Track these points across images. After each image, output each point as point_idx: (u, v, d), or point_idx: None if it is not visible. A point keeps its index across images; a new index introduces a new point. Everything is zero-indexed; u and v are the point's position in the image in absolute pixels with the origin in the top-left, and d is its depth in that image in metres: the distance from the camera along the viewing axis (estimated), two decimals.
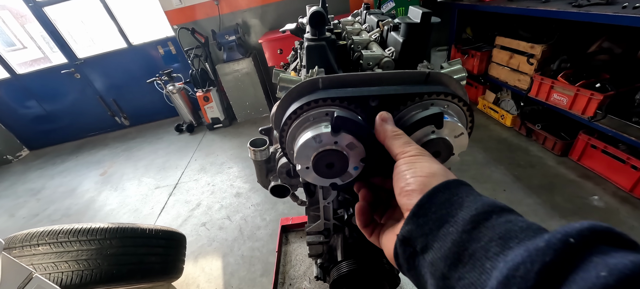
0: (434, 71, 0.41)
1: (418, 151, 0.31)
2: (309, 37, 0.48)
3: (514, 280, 0.17)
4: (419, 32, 0.45)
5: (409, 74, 0.41)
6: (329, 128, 0.36)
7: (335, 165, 0.38)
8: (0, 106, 4.32)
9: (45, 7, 3.73)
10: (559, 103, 2.12)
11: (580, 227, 0.18)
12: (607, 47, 2.00)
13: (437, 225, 0.24)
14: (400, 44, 0.46)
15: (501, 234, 0.21)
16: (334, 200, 0.66)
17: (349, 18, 0.83)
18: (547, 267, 0.17)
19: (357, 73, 0.40)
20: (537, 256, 0.17)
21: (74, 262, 1.19)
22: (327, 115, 0.38)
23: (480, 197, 0.25)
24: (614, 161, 1.89)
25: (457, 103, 0.39)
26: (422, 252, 0.25)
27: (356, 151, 0.38)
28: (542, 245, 0.18)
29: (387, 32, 0.55)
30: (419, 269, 0.25)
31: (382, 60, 0.47)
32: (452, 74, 0.43)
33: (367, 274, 0.64)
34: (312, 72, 0.42)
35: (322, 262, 0.75)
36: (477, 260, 0.20)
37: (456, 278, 0.21)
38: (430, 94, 0.38)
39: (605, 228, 0.18)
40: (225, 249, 1.99)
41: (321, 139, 0.36)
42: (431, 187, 0.26)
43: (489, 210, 0.23)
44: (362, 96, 0.38)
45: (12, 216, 2.98)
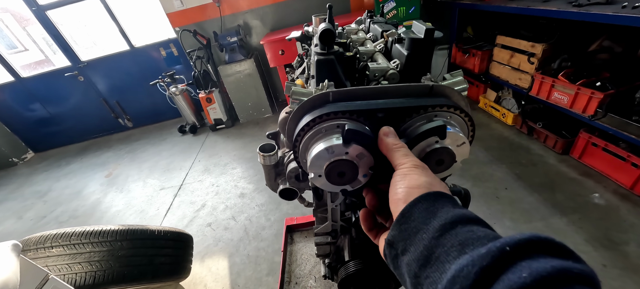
0: (437, 84, 0.43)
1: (413, 164, 0.34)
2: (318, 52, 0.50)
3: (458, 279, 0.21)
4: (423, 47, 0.47)
5: (413, 87, 0.43)
6: (340, 140, 0.39)
7: (346, 173, 0.41)
8: (5, 109, 4.37)
9: (49, 10, 3.77)
10: (559, 102, 2.14)
11: (520, 237, 0.21)
12: (607, 45, 2.01)
13: (414, 231, 0.28)
14: (404, 56, 0.49)
15: (461, 241, 0.24)
16: (341, 203, 0.69)
17: (353, 25, 0.85)
18: (483, 269, 0.20)
19: (365, 87, 0.43)
20: (478, 260, 0.21)
21: (87, 263, 1.22)
22: (338, 127, 0.40)
23: (452, 209, 0.28)
24: (614, 159, 1.91)
25: (459, 114, 0.42)
26: (402, 254, 0.29)
27: (365, 161, 0.40)
28: (483, 252, 0.21)
29: (391, 44, 0.57)
30: (400, 269, 0.29)
31: (388, 72, 0.49)
32: (454, 86, 0.45)
33: (374, 273, 0.67)
34: (322, 86, 0.45)
35: (329, 262, 0.78)
36: (440, 262, 0.24)
37: (424, 277, 0.25)
38: (433, 107, 0.41)
39: (544, 238, 0.21)
40: (231, 249, 2.02)
41: (333, 150, 0.39)
42: (413, 198, 0.30)
43: (456, 220, 0.26)
44: (369, 109, 0.41)
45: (20, 219, 3.03)
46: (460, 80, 0.46)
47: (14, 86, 4.22)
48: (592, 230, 1.68)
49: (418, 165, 0.34)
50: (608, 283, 1.43)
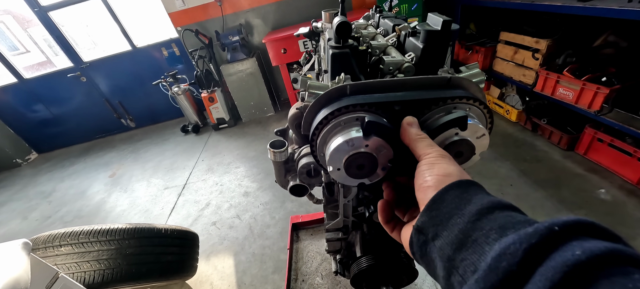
0: (455, 76, 0.43)
1: (439, 153, 0.34)
2: (333, 45, 0.50)
3: (505, 256, 0.21)
4: (439, 39, 0.47)
5: (431, 79, 0.43)
6: (360, 133, 0.38)
7: (365, 166, 0.40)
8: (9, 110, 4.39)
9: (51, 11, 3.78)
10: (564, 97, 2.13)
11: (567, 219, 0.21)
12: (612, 40, 2.00)
13: (447, 217, 0.28)
14: (420, 49, 0.49)
15: (501, 224, 0.24)
16: (353, 198, 0.69)
17: (361, 21, 0.85)
18: (532, 247, 0.20)
19: (383, 79, 0.43)
20: (526, 239, 0.21)
21: (96, 262, 1.23)
22: (357, 119, 0.40)
23: (487, 196, 0.28)
24: (620, 155, 1.90)
25: (478, 106, 0.42)
26: (432, 239, 0.28)
27: (384, 153, 0.40)
28: (531, 231, 0.21)
29: (404, 37, 0.57)
30: (430, 255, 0.29)
31: (403, 65, 0.49)
32: (471, 78, 0.45)
33: (386, 268, 0.67)
34: (338, 79, 0.45)
35: (340, 258, 0.78)
36: (478, 245, 0.24)
37: (460, 260, 0.25)
38: (452, 98, 0.41)
39: (590, 222, 0.21)
40: (236, 247, 2.03)
41: (353, 143, 0.39)
42: (445, 185, 0.30)
43: (493, 206, 0.26)
44: (388, 102, 0.41)
45: (26, 219, 3.05)
46: (478, 72, 0.46)
47: (17, 87, 4.23)
48: None
49: (444, 155, 0.34)
50: None
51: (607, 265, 0.18)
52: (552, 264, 0.19)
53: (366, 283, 0.69)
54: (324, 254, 1.63)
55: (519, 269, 0.20)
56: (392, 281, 0.68)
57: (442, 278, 0.27)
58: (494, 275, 0.21)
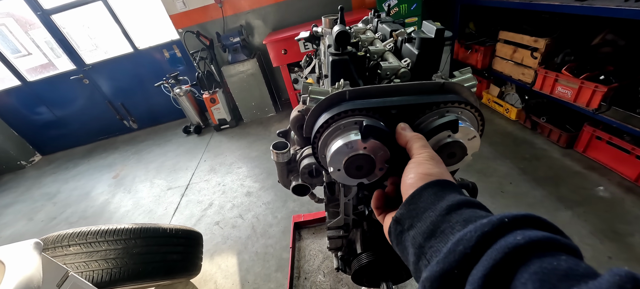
0: (448, 81, 0.46)
1: (429, 155, 0.37)
2: (333, 52, 0.53)
3: (462, 241, 0.25)
4: (433, 46, 0.50)
5: (425, 85, 0.46)
6: (359, 136, 0.41)
7: (364, 167, 0.43)
8: (12, 112, 4.44)
9: (53, 14, 3.81)
10: (563, 96, 2.15)
11: (517, 213, 0.25)
12: (610, 39, 2.02)
13: (422, 210, 0.32)
14: (415, 55, 0.51)
15: (465, 218, 0.28)
16: (354, 197, 0.71)
17: (360, 25, 0.88)
18: (484, 234, 0.24)
19: (380, 85, 0.45)
20: (480, 228, 0.25)
21: (103, 261, 1.26)
22: (355, 123, 0.43)
23: (459, 195, 0.32)
24: (619, 152, 1.92)
25: (469, 109, 0.44)
26: (408, 230, 0.32)
27: (381, 155, 0.43)
28: (485, 222, 0.25)
29: (401, 43, 0.60)
30: (404, 243, 0.33)
31: (400, 71, 0.52)
32: (463, 83, 0.47)
33: (385, 264, 0.70)
34: (338, 85, 0.48)
35: (342, 255, 0.81)
36: (444, 235, 0.28)
37: (428, 247, 0.29)
38: (445, 103, 0.43)
39: (537, 217, 0.25)
40: (239, 246, 2.06)
41: (352, 145, 0.41)
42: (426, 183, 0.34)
43: (462, 203, 0.30)
44: (384, 106, 0.44)
45: (31, 220, 3.09)
46: (470, 77, 0.48)
47: (20, 90, 4.28)
48: (597, 223, 1.69)
49: (433, 157, 0.37)
50: None
51: (541, 249, 0.22)
52: (497, 247, 0.23)
53: (367, 279, 0.72)
54: (326, 253, 1.66)
55: (472, 251, 0.24)
56: (392, 277, 0.71)
57: (412, 264, 0.31)
58: (452, 256, 0.25)
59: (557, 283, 0.19)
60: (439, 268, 0.25)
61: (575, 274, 0.20)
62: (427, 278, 0.26)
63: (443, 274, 0.25)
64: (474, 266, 0.23)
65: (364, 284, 0.73)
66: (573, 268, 0.20)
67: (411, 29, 0.61)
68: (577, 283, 0.19)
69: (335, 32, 0.49)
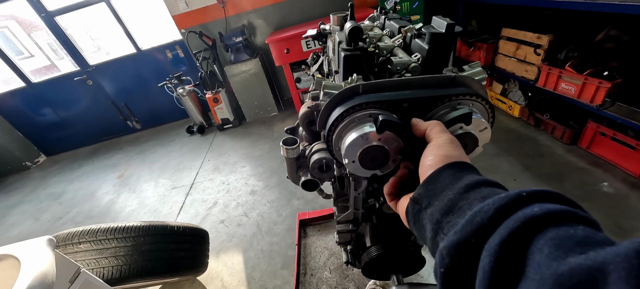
0: (459, 75, 0.47)
1: (448, 138, 0.38)
2: (345, 48, 0.54)
3: (479, 213, 0.25)
4: (444, 41, 0.51)
5: (436, 78, 0.47)
6: (373, 128, 0.42)
7: (378, 158, 0.44)
8: (17, 114, 4.47)
9: (57, 16, 3.84)
10: (567, 92, 2.15)
11: (535, 188, 0.25)
12: (614, 34, 2.02)
13: (440, 190, 0.32)
14: (425, 50, 0.53)
15: (483, 195, 0.28)
16: (363, 191, 0.73)
17: (366, 22, 0.89)
18: (502, 207, 0.24)
19: (392, 79, 0.47)
20: (498, 200, 0.25)
21: (113, 258, 1.28)
22: (369, 116, 0.44)
23: (478, 175, 0.32)
24: (623, 148, 1.92)
25: (480, 102, 0.46)
26: (425, 208, 0.33)
27: (395, 146, 0.44)
28: (503, 196, 0.25)
29: (410, 39, 0.61)
30: (421, 221, 0.33)
31: (410, 65, 0.53)
32: (474, 76, 0.49)
33: (395, 256, 0.71)
34: (351, 79, 0.49)
35: (351, 248, 0.82)
36: (462, 211, 0.28)
37: (446, 222, 0.29)
38: (456, 95, 0.44)
39: (556, 192, 0.25)
40: (245, 244, 2.08)
41: (367, 137, 0.43)
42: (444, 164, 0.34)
43: (480, 182, 0.30)
44: (397, 99, 0.45)
45: (37, 220, 3.12)
46: (479, 70, 0.49)
47: (25, 91, 4.31)
48: (601, 218, 1.69)
49: (452, 140, 0.38)
50: None
51: (559, 219, 0.22)
52: (514, 218, 0.23)
53: (376, 272, 0.73)
54: (332, 249, 1.68)
55: (489, 222, 0.24)
56: (401, 269, 0.72)
57: (429, 239, 0.31)
58: (469, 227, 0.25)
59: (573, 247, 0.19)
60: (456, 237, 0.26)
61: (592, 241, 0.20)
62: (445, 246, 0.26)
63: (460, 243, 0.25)
64: (491, 236, 0.24)
65: (374, 277, 0.74)
66: (590, 236, 0.20)
67: (420, 25, 0.62)
68: (594, 248, 0.19)
69: (348, 28, 0.50)
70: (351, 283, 1.47)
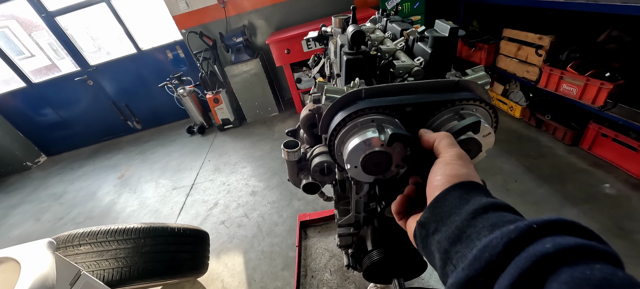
0: (462, 79, 0.46)
1: (456, 154, 0.36)
2: (347, 51, 0.54)
3: (488, 248, 0.24)
4: (447, 45, 0.50)
5: (439, 83, 0.46)
6: (376, 133, 0.42)
7: (381, 163, 0.44)
8: (18, 114, 4.48)
9: (57, 16, 3.84)
10: (568, 93, 2.14)
11: (547, 218, 0.24)
12: (616, 35, 2.01)
13: (447, 214, 0.31)
14: (428, 54, 0.52)
15: (492, 223, 0.27)
16: (365, 195, 0.72)
17: (368, 24, 0.88)
18: (511, 241, 0.23)
19: (395, 83, 0.46)
20: (506, 234, 0.24)
21: (114, 260, 1.28)
22: (372, 121, 0.44)
23: (485, 197, 0.30)
24: (625, 149, 1.91)
25: (483, 106, 0.45)
26: (433, 233, 0.32)
27: (398, 153, 0.44)
28: (512, 228, 0.24)
29: (412, 42, 0.60)
30: (430, 247, 0.32)
31: (413, 69, 0.53)
32: (477, 80, 0.48)
33: (396, 260, 0.70)
34: (353, 83, 0.48)
35: (352, 252, 0.82)
36: (470, 240, 0.27)
37: (454, 252, 0.28)
38: (460, 100, 0.44)
39: (570, 221, 0.24)
40: (245, 245, 2.07)
41: (369, 142, 0.42)
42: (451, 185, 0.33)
43: (488, 207, 0.29)
44: (401, 104, 0.44)
45: (38, 220, 3.12)
46: (483, 75, 0.49)
47: (25, 92, 4.32)
48: (603, 220, 1.69)
49: (461, 156, 0.36)
50: None
51: (573, 257, 0.20)
52: (524, 256, 0.22)
53: (378, 276, 0.73)
54: (332, 251, 1.67)
55: (498, 259, 0.23)
56: (403, 273, 0.71)
57: (439, 268, 0.30)
58: (477, 264, 0.24)
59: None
60: (465, 274, 0.24)
61: (611, 284, 0.18)
62: (453, 284, 0.25)
63: (468, 281, 0.24)
64: (501, 275, 0.22)
65: (376, 281, 0.74)
66: (609, 278, 0.18)
67: (422, 28, 0.62)
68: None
69: (351, 31, 0.50)
70: (352, 285, 1.47)
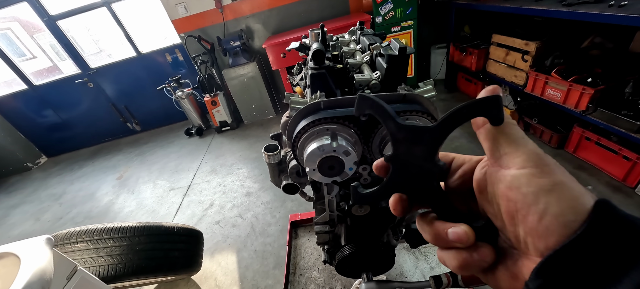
0: (410, 92, 0.53)
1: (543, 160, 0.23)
2: (312, 66, 0.60)
3: None
4: (398, 62, 0.57)
5: (388, 96, 0.53)
6: (329, 140, 0.48)
7: (335, 167, 0.50)
8: (19, 116, 4.56)
9: (59, 20, 3.93)
10: (553, 97, 2.20)
11: None
12: (599, 42, 2.07)
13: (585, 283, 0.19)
14: (384, 69, 0.59)
15: None
16: (336, 195, 0.78)
17: (346, 36, 0.95)
18: None
19: (349, 96, 0.52)
20: None
21: (109, 257, 1.34)
22: (327, 130, 0.50)
23: None
24: (607, 153, 1.97)
25: (426, 117, 0.51)
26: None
27: (350, 157, 0.50)
28: None
29: (376, 56, 0.67)
30: None
31: (371, 83, 0.59)
32: (424, 93, 0.54)
33: (366, 255, 0.76)
34: (315, 96, 0.55)
35: (328, 248, 0.88)
36: None
37: None
38: (405, 112, 0.50)
39: None
40: (239, 245, 2.13)
41: (323, 148, 0.48)
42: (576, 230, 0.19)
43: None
44: (351, 115, 0.51)
45: (38, 220, 3.19)
46: (430, 88, 0.55)
47: (27, 94, 4.40)
48: None
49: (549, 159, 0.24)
50: None
51: None
52: None
53: (349, 270, 0.78)
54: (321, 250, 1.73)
55: None
56: (372, 268, 0.77)
57: None
58: None
59: None
60: None
61: None
62: None
63: None
64: None
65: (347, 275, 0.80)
66: None
67: (386, 44, 0.68)
68: None
69: (313, 49, 0.56)
70: (338, 283, 1.53)
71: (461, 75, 3.41)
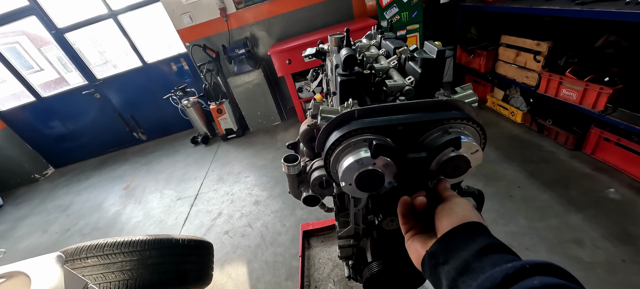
0: (450, 98, 0.49)
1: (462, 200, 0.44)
2: (341, 73, 0.56)
3: (489, 279, 0.30)
4: (435, 66, 0.53)
5: (429, 102, 0.49)
6: (368, 153, 0.44)
7: (374, 181, 0.46)
8: (27, 127, 4.59)
9: (67, 33, 3.97)
10: (568, 98, 2.15)
11: (538, 261, 0.30)
12: (613, 40, 2.02)
13: (456, 249, 0.37)
14: (418, 74, 0.55)
15: (493, 262, 0.33)
16: (363, 207, 0.74)
17: (364, 41, 0.91)
18: (507, 276, 0.29)
19: (386, 104, 0.49)
20: (505, 270, 0.30)
21: (120, 272, 1.30)
22: (365, 141, 0.46)
23: (488, 238, 0.37)
24: (628, 153, 1.90)
25: (471, 125, 0.47)
26: (442, 264, 0.37)
27: (390, 170, 0.46)
28: (510, 266, 0.30)
29: (404, 60, 0.63)
30: (438, 274, 0.38)
31: (404, 89, 0.55)
32: (465, 99, 0.50)
33: (396, 272, 0.72)
34: (347, 104, 0.51)
35: (353, 263, 0.83)
36: (475, 272, 0.33)
37: (461, 281, 0.34)
38: (448, 119, 0.46)
39: (556, 266, 0.30)
40: (249, 255, 2.08)
41: (363, 162, 0.45)
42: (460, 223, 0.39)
43: (491, 247, 0.35)
44: (391, 124, 0.47)
45: (46, 232, 3.17)
46: (470, 93, 0.51)
47: (35, 105, 4.44)
48: (609, 225, 1.67)
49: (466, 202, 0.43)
50: (628, 278, 1.42)
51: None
52: (516, 287, 0.28)
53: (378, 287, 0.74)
54: (336, 261, 1.68)
55: (497, 288, 0.29)
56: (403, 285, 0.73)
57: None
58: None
59: None
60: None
61: None
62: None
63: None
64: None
65: None
66: None
67: (413, 47, 0.65)
68: None
69: (344, 55, 0.53)
70: None
71: (469, 77, 3.37)
